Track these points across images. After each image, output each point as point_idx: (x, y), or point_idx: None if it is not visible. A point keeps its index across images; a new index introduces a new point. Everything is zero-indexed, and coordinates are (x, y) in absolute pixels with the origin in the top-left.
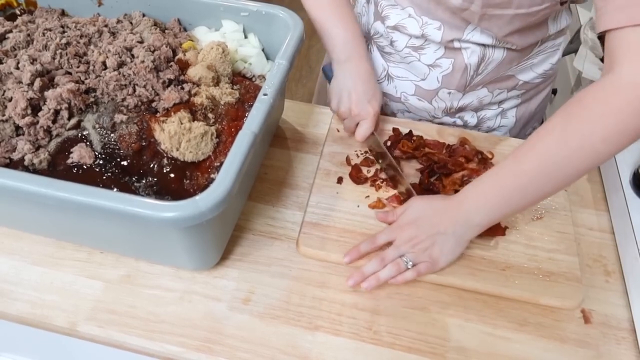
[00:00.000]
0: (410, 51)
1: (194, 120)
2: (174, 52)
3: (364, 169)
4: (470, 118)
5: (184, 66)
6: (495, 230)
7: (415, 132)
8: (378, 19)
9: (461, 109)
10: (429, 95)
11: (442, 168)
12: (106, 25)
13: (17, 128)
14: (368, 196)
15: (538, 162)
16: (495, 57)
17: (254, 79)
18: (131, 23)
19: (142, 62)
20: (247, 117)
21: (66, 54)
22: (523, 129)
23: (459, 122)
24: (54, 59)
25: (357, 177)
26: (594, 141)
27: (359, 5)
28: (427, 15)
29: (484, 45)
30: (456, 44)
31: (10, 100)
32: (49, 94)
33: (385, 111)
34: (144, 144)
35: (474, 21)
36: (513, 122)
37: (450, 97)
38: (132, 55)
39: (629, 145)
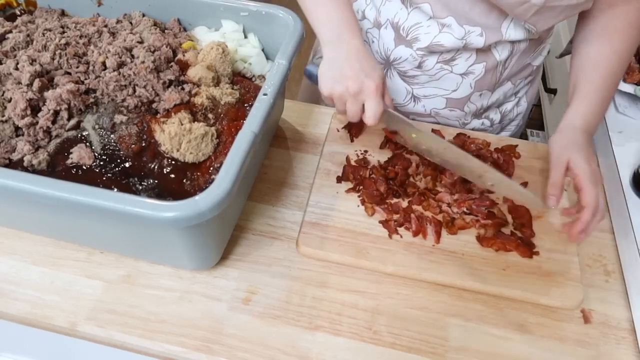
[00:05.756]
0: (441, 66)
1: (194, 121)
2: (174, 53)
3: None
4: (495, 115)
5: (184, 66)
6: (525, 251)
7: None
8: (402, 44)
9: (488, 108)
10: (461, 103)
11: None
12: (106, 26)
13: (17, 129)
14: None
15: (608, 80)
16: (520, 49)
17: (254, 79)
18: (131, 23)
19: (143, 62)
20: (247, 117)
21: (66, 55)
22: (530, 111)
23: (486, 122)
24: (53, 59)
25: (350, 173)
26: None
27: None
28: (468, 22)
29: (514, 41)
30: (491, 45)
31: (9, 100)
32: (48, 94)
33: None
34: (144, 145)
35: (525, 16)
36: (526, 107)
37: (481, 99)
38: (132, 56)
39: None
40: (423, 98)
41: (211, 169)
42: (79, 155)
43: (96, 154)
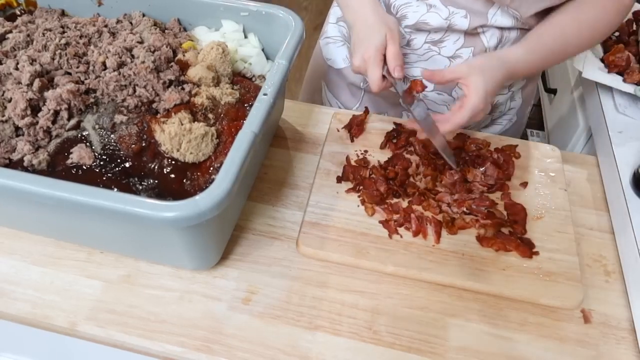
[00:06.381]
0: (429, 46)
1: (194, 121)
2: (174, 53)
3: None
4: None
5: (184, 66)
6: (525, 251)
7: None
8: None
9: None
10: (449, 87)
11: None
12: (106, 26)
13: (17, 129)
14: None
15: (557, 42)
16: (510, 37)
17: (254, 79)
18: (131, 23)
19: (143, 62)
20: (247, 117)
21: (66, 55)
22: (526, 109)
23: None
24: (53, 59)
25: (350, 173)
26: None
27: None
28: (452, 4)
29: (503, 28)
30: (478, 30)
31: (9, 100)
32: (48, 94)
33: (403, 106)
34: (144, 145)
35: (506, 0)
36: (520, 103)
37: None
38: (132, 56)
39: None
40: (412, 78)
41: (211, 169)
42: (79, 155)
43: (96, 154)
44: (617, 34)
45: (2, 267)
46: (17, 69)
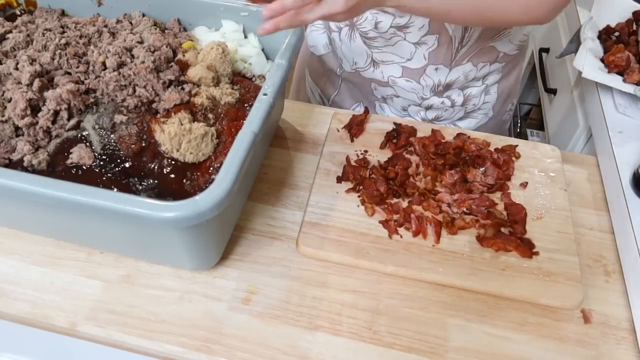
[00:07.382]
0: (395, 31)
1: (194, 121)
2: (174, 53)
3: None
4: (457, 97)
5: (183, 66)
6: (525, 251)
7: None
8: None
9: (448, 86)
10: (417, 74)
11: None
12: (106, 26)
13: (17, 129)
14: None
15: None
16: (477, 27)
17: (254, 79)
18: (131, 23)
19: (143, 62)
20: (247, 117)
21: (66, 55)
22: (504, 105)
23: (447, 102)
24: (53, 59)
25: (350, 173)
26: None
27: None
28: None
29: None
30: None
31: (9, 100)
32: (48, 94)
33: (375, 95)
34: (144, 145)
35: None
36: (495, 98)
37: (437, 73)
38: (132, 56)
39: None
40: (381, 63)
41: (211, 169)
42: (79, 155)
43: (96, 154)
44: (617, 34)
45: (2, 267)
46: (17, 69)
